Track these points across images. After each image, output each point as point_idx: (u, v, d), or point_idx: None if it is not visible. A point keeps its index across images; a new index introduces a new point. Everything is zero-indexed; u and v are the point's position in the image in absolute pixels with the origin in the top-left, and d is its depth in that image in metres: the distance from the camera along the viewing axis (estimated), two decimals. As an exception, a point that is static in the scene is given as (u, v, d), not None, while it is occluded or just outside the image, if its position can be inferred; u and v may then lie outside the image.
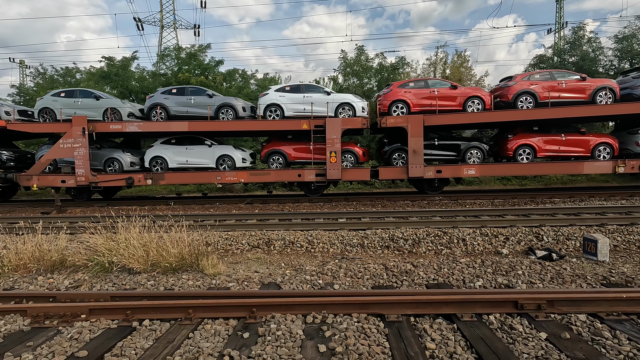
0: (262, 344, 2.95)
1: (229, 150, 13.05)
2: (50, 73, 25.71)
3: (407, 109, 12.45)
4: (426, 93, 12.52)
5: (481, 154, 12.59)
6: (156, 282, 4.74)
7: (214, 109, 12.78)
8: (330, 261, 5.67)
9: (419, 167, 12.16)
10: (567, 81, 12.32)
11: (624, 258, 5.56)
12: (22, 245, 5.51)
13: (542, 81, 12.41)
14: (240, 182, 13.04)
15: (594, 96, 12.08)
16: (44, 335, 3.25)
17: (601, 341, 2.90)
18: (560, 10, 29.55)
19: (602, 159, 12.23)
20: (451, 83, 12.96)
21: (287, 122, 12.65)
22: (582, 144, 12.37)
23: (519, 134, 12.70)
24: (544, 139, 12.49)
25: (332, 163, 12.31)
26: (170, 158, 12.98)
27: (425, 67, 27.87)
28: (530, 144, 12.44)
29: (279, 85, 13.91)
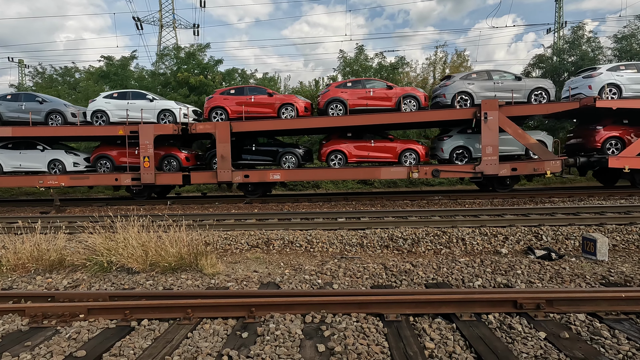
0: (261, 343, 2.95)
1: (60, 154, 13.38)
2: (49, 72, 25.69)
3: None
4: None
5: (296, 159, 13.03)
6: (155, 282, 4.74)
7: (43, 115, 13.17)
8: (329, 261, 5.67)
9: (227, 171, 12.59)
10: (375, 89, 12.72)
11: (623, 257, 5.56)
12: (20, 245, 5.50)
13: (352, 89, 12.82)
14: (61, 186, 13.38)
15: (399, 104, 12.48)
16: (42, 335, 3.24)
17: (600, 341, 2.90)
18: (559, 10, 29.56)
19: (408, 164, 12.61)
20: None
21: (105, 128, 13.12)
22: (389, 150, 12.84)
23: (332, 140, 13.19)
24: (354, 145, 12.92)
25: (146, 168, 12.64)
26: (4, 162, 13.31)
27: (425, 67, 27.89)
28: (341, 150, 12.88)
29: (107, 93, 14.38)
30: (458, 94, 12.35)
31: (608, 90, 11.99)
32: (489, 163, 11.90)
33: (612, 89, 12.00)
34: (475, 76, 12.66)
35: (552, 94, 12.44)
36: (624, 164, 11.66)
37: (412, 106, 12.48)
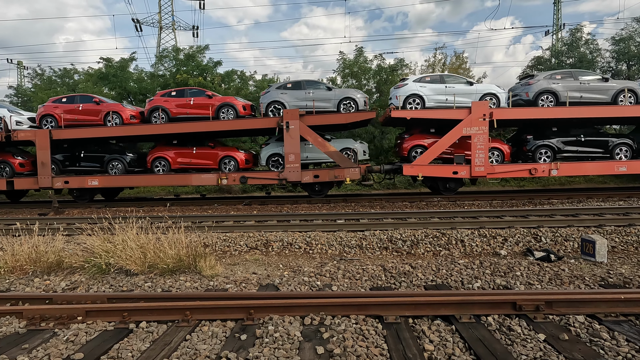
0: (259, 345, 2.94)
1: None
2: (48, 74, 25.68)
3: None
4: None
5: (122, 165, 13.41)
6: (153, 284, 4.72)
7: None
8: (328, 262, 5.66)
9: (47, 178, 13.05)
10: (196, 98, 13.06)
11: (622, 259, 5.57)
12: (18, 247, 5.48)
13: (175, 98, 13.22)
14: None
15: (218, 112, 12.86)
16: (39, 337, 3.22)
17: (599, 342, 2.89)
18: (557, 12, 29.68)
19: (228, 171, 13.00)
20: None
21: None
22: (210, 156, 13.26)
23: (157, 147, 13.67)
24: (177, 152, 13.35)
25: None
26: None
27: (424, 69, 27.97)
28: (165, 157, 13.33)
29: None
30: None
31: (412, 100, 12.31)
32: (291, 170, 12.34)
33: (416, 99, 12.34)
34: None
35: None
36: (418, 171, 12.15)
37: (229, 115, 12.84)
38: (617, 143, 12.37)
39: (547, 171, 11.91)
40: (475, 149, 11.84)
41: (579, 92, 12.22)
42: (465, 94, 12.37)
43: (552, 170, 11.89)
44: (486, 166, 11.84)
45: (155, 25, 32.55)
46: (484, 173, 11.91)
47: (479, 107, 11.85)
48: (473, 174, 11.93)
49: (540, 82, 12.40)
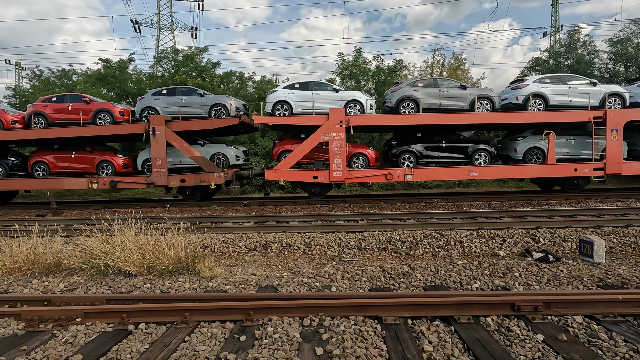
0: (258, 347, 2.94)
1: None
2: (46, 75, 25.63)
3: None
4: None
5: (3, 169, 13.63)
6: (152, 285, 4.71)
7: None
8: (327, 263, 5.66)
9: None
10: (74, 104, 13.26)
11: (620, 260, 5.59)
12: (16, 248, 5.46)
13: (54, 104, 13.42)
14: None
15: (95, 117, 13.16)
16: (38, 339, 3.21)
17: (598, 343, 2.91)
18: (555, 13, 29.80)
19: (106, 175, 13.36)
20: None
21: None
22: (88, 161, 13.60)
23: (39, 151, 13.89)
24: (57, 157, 13.60)
25: None
26: None
27: (423, 70, 28.02)
28: (44, 161, 13.57)
29: None
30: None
31: (280, 106, 12.63)
32: (158, 174, 12.64)
33: (284, 105, 12.61)
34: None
35: None
36: (279, 176, 12.34)
37: (106, 120, 13.14)
38: (477, 149, 12.70)
39: (403, 176, 12.21)
40: (333, 155, 12.09)
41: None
42: (331, 101, 12.58)
43: (407, 175, 12.20)
44: (344, 171, 12.08)
45: (154, 26, 32.56)
46: (341, 178, 12.16)
47: (335, 113, 12.05)
48: (331, 179, 12.18)
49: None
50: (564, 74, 13.58)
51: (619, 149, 11.93)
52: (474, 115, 12.21)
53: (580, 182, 12.85)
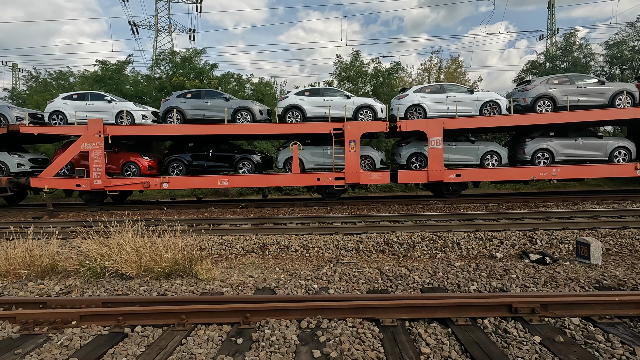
0: (255, 349, 2.93)
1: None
2: (43, 76, 25.55)
3: None
4: None
5: None
6: (149, 288, 4.69)
7: None
8: (325, 265, 5.65)
9: None
10: None
11: (616, 261, 5.61)
12: (12, 251, 5.42)
13: None
14: None
15: None
16: (33, 342, 3.19)
17: (594, 344, 2.91)
18: (552, 17, 30.01)
19: None
20: None
21: None
22: None
23: None
24: None
25: None
26: None
27: (420, 72, 28.15)
28: None
29: None
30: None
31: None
32: None
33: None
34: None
35: None
36: (44, 184, 12.48)
37: None
38: (241, 158, 13.13)
39: (159, 184, 12.56)
40: (92, 164, 12.28)
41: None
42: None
43: (163, 183, 12.57)
44: (103, 179, 12.31)
45: (151, 28, 32.54)
46: (101, 186, 12.37)
47: (94, 124, 12.24)
48: (92, 187, 12.41)
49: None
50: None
51: (356, 159, 12.29)
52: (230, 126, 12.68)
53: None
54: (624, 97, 12.15)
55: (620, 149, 12.40)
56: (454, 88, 13.13)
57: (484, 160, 12.69)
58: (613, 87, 12.47)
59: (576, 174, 12.53)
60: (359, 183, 12.52)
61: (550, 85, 12.47)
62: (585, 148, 12.49)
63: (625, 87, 12.45)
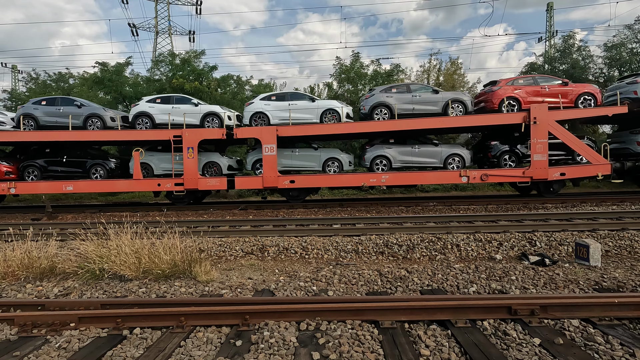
0: (255, 352, 2.92)
1: None
2: (43, 78, 25.55)
3: None
4: None
5: None
6: (148, 290, 4.68)
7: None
8: (324, 267, 5.65)
9: None
10: None
11: (616, 263, 5.61)
12: (10, 252, 5.41)
13: None
14: None
15: None
16: (31, 344, 3.18)
17: (594, 346, 2.91)
18: (550, 19, 30.12)
19: None
20: None
21: None
22: None
23: None
24: None
25: None
26: None
27: (419, 74, 28.19)
28: None
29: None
30: None
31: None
32: None
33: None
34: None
35: None
36: None
37: None
38: (94, 164, 13.47)
39: (7, 189, 12.78)
40: None
41: None
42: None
43: (10, 189, 12.78)
44: None
45: (151, 30, 32.60)
46: None
47: None
48: None
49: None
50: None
51: (194, 165, 12.60)
52: None
53: None
54: (456, 105, 12.44)
55: (454, 156, 12.73)
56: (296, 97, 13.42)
57: (326, 166, 12.99)
58: (446, 96, 12.78)
59: (405, 181, 12.88)
60: (198, 189, 12.77)
61: (387, 94, 12.77)
62: (422, 155, 12.82)
63: (457, 96, 12.78)
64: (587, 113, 12.53)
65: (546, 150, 11.92)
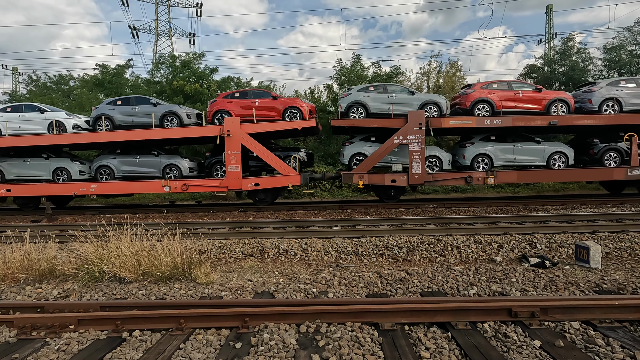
0: (254, 354, 2.91)
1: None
2: (43, 80, 25.60)
3: None
4: None
5: None
6: (147, 292, 4.67)
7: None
8: (324, 269, 5.64)
9: None
10: None
11: (616, 265, 5.60)
12: (10, 254, 5.40)
13: None
14: None
15: None
16: (30, 347, 3.17)
17: (595, 349, 2.90)
18: (549, 21, 30.19)
19: None
20: None
21: None
22: None
23: None
24: None
25: None
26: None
27: (419, 76, 28.23)
28: None
29: None
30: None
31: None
32: None
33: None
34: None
35: None
36: None
37: None
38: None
39: None
40: None
41: None
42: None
43: None
44: None
45: (152, 32, 32.66)
46: None
47: None
48: None
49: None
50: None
51: None
52: None
53: None
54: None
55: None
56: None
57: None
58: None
59: None
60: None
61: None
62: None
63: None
64: (282, 126, 12.59)
65: (239, 162, 12.15)
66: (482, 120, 12.18)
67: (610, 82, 12.61)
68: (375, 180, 12.57)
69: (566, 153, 12.49)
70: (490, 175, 12.15)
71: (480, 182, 12.20)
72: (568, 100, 12.41)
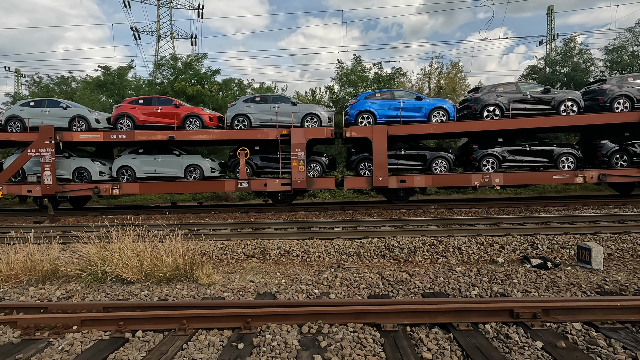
0: (256, 354, 2.92)
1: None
2: (45, 82, 25.70)
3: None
4: None
5: None
6: (150, 292, 4.69)
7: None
8: (326, 270, 5.65)
9: None
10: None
11: (618, 266, 5.59)
12: (13, 255, 5.43)
13: None
14: None
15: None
16: (34, 347, 3.19)
17: (596, 350, 2.90)
18: (551, 22, 30.17)
19: None
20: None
21: None
22: None
23: None
24: None
25: None
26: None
27: (420, 77, 28.23)
28: None
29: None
30: None
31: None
32: None
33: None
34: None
35: None
36: None
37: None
38: None
39: None
40: None
41: None
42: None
43: None
44: None
45: (153, 34, 32.80)
46: None
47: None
48: None
49: None
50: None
51: None
52: None
53: None
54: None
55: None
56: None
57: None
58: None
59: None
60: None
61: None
62: None
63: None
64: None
65: None
66: (109, 135, 12.74)
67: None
68: (13, 191, 13.15)
69: (200, 165, 12.97)
70: (114, 186, 12.66)
71: (107, 192, 12.68)
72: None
